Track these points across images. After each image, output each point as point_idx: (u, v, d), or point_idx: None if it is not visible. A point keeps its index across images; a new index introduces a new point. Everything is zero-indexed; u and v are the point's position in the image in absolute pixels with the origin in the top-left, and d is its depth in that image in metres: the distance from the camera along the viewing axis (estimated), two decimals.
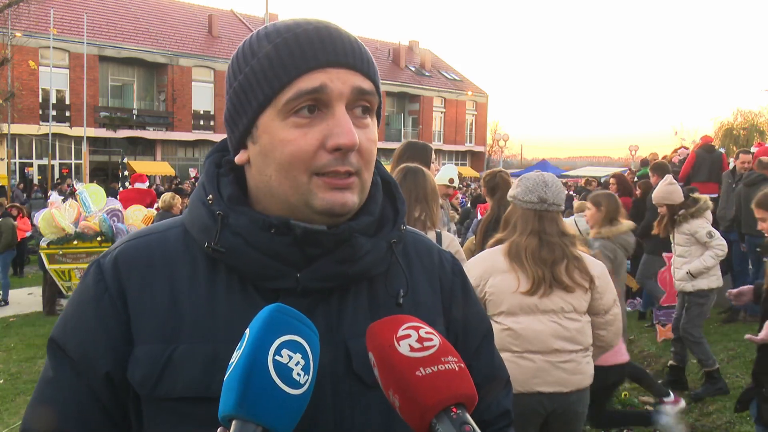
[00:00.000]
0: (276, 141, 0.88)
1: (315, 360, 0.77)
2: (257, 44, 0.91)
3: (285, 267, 0.90)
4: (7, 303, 10.35)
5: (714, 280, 5.37)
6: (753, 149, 11.40)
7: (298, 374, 0.74)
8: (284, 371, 0.73)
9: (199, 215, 0.94)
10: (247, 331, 0.76)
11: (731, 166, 8.82)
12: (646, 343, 6.90)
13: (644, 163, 12.57)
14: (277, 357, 0.73)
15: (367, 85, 0.91)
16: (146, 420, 0.91)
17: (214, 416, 0.76)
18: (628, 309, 8.77)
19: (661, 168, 7.81)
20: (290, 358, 0.74)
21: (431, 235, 3.01)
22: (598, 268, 2.83)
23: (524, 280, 2.71)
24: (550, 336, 2.71)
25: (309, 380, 0.75)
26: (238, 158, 0.95)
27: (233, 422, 0.72)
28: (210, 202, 0.93)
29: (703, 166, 9.52)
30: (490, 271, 2.77)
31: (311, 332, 0.79)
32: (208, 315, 0.90)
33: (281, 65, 0.88)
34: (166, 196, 8.40)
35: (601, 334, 2.84)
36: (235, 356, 0.75)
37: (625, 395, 5.12)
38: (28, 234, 12.26)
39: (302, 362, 0.75)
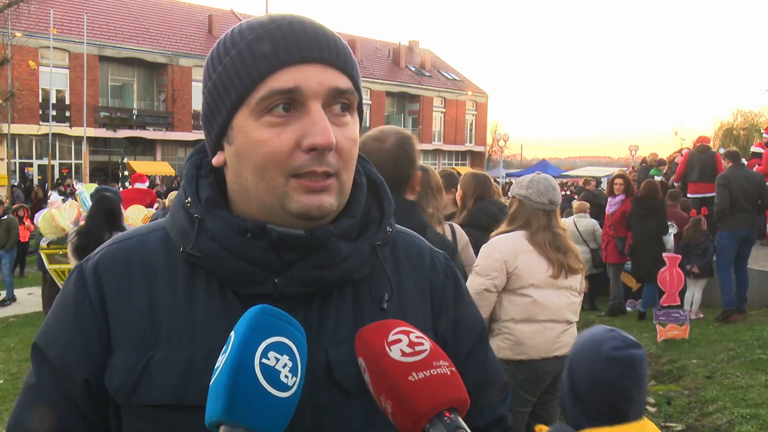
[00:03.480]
0: (250, 141, 0.85)
1: (303, 361, 0.76)
2: (230, 42, 0.88)
3: (262, 272, 0.87)
4: (11, 302, 10.37)
5: None
6: (755, 149, 11.40)
7: (286, 376, 0.73)
8: (272, 374, 0.72)
9: (178, 218, 0.92)
10: (232, 334, 0.75)
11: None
12: (646, 343, 6.90)
13: (661, 163, 12.55)
14: (263, 360, 0.72)
15: (343, 83, 0.87)
16: (124, 427, 0.89)
17: (191, 424, 0.74)
18: (629, 309, 8.78)
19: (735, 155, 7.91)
20: (277, 360, 0.73)
21: (445, 229, 3.22)
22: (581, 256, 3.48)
23: (549, 265, 3.22)
24: (565, 308, 3.26)
25: (297, 382, 0.74)
26: (215, 160, 0.92)
27: (221, 428, 0.70)
28: (188, 204, 0.91)
29: (695, 166, 9.57)
30: (519, 249, 3.20)
31: (298, 333, 0.77)
32: (185, 321, 0.88)
33: (253, 62, 0.85)
34: (173, 194, 8.39)
35: (578, 311, 3.48)
36: (221, 360, 0.74)
37: None
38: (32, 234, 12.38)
39: (290, 364, 0.74)
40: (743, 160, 10.72)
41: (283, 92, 0.84)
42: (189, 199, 0.92)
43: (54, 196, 11.01)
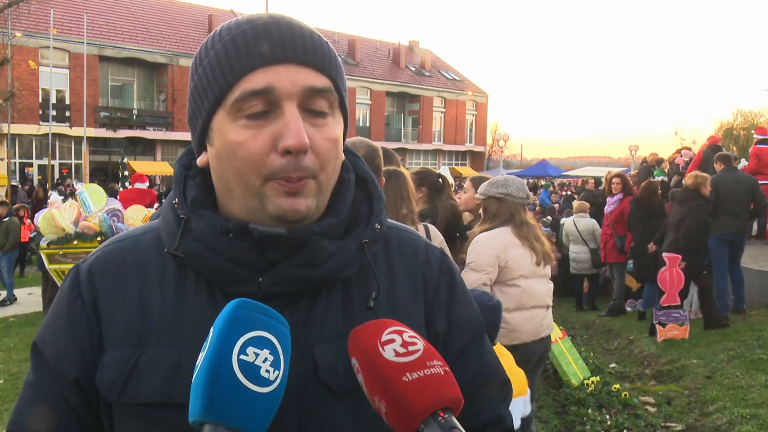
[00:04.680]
0: (228, 143, 0.85)
1: (286, 353, 0.75)
2: (210, 43, 0.88)
3: (246, 271, 0.87)
4: (12, 302, 10.39)
5: None
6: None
7: (267, 371, 0.72)
8: (251, 370, 0.71)
9: (168, 219, 0.93)
10: (211, 331, 0.75)
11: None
12: (646, 343, 6.90)
13: (661, 162, 12.54)
14: (242, 356, 0.71)
15: (320, 82, 0.86)
16: (116, 426, 0.90)
17: (179, 422, 0.74)
18: (628, 309, 8.78)
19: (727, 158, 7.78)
20: (257, 355, 0.72)
21: (420, 229, 3.35)
22: None
23: (533, 254, 3.53)
24: (546, 294, 3.62)
25: (280, 375, 0.73)
26: (200, 160, 0.93)
27: (205, 427, 0.70)
28: (175, 205, 0.92)
29: (709, 165, 9.52)
30: (507, 245, 3.48)
31: (279, 324, 0.76)
32: (174, 320, 0.89)
33: (228, 64, 0.85)
34: None
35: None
36: (200, 359, 0.73)
37: (625, 395, 5.12)
38: (32, 234, 12.42)
39: (271, 358, 0.73)
40: (742, 161, 10.69)
41: (256, 93, 0.84)
42: (176, 200, 0.93)
43: (54, 196, 11.02)
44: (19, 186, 21.55)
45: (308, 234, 0.87)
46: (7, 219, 10.81)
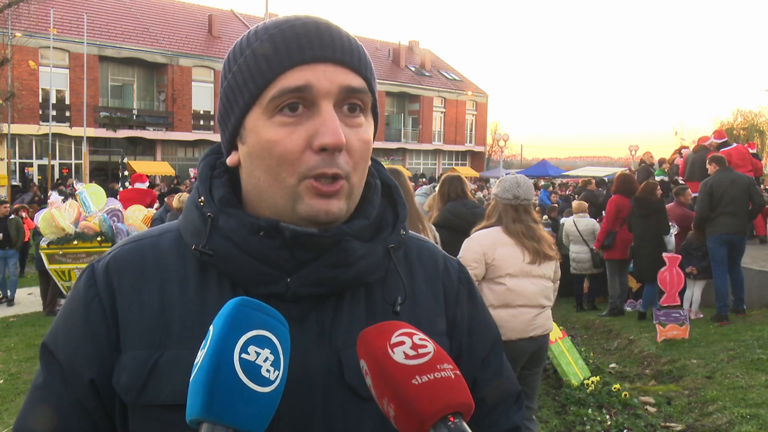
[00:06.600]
0: (263, 141, 0.85)
1: (285, 353, 0.75)
2: (246, 42, 0.89)
3: (275, 271, 0.86)
4: (12, 303, 10.39)
5: None
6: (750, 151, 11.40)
7: (268, 370, 0.71)
8: (252, 369, 0.70)
9: (192, 218, 0.92)
10: (211, 328, 0.73)
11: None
12: (646, 343, 6.90)
13: (660, 162, 12.58)
14: (243, 355, 0.70)
15: (356, 82, 0.86)
16: (131, 428, 0.88)
17: None
18: (628, 309, 8.78)
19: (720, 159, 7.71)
20: (258, 354, 0.71)
21: (430, 227, 3.65)
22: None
23: (526, 253, 3.60)
24: (539, 294, 3.64)
25: (280, 375, 0.73)
26: (230, 160, 0.92)
27: (202, 426, 0.69)
28: (201, 204, 0.91)
29: (689, 166, 9.57)
30: (496, 243, 3.59)
31: (280, 324, 0.76)
32: (196, 321, 0.87)
33: (265, 62, 0.85)
34: (184, 196, 8.37)
35: (552, 296, 3.87)
36: (200, 356, 0.72)
37: (625, 395, 5.12)
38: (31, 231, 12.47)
39: (271, 357, 0.72)
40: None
41: (293, 91, 0.83)
42: (202, 198, 0.92)
43: (54, 196, 11.02)
44: (27, 190, 21.51)
45: (340, 234, 0.87)
46: (12, 217, 10.86)
